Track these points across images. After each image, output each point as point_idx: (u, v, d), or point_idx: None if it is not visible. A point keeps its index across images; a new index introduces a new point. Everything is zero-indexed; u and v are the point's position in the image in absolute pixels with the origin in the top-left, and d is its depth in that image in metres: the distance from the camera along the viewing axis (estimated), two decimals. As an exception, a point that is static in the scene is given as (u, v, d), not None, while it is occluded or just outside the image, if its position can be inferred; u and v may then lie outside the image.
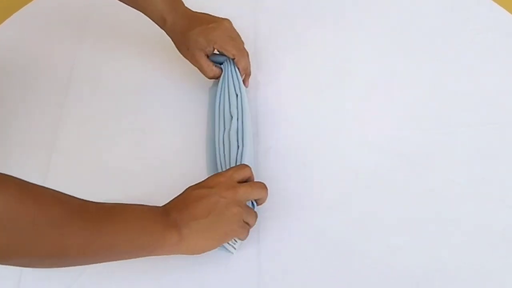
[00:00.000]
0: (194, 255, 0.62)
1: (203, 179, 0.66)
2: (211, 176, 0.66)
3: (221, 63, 0.83)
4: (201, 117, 0.82)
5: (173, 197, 0.63)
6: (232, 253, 0.67)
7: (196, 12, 0.83)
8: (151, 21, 0.82)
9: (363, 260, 0.68)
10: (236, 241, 0.67)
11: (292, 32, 0.93)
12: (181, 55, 0.83)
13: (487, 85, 0.86)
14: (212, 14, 0.83)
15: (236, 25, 0.84)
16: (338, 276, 0.67)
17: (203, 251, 0.62)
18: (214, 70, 0.82)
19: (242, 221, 0.64)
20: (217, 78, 0.82)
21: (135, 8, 0.81)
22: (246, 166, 0.68)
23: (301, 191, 0.75)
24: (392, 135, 0.80)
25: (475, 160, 0.77)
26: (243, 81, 0.82)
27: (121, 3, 0.82)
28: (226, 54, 0.81)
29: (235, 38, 0.82)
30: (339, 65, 0.89)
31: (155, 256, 0.61)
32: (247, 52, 0.83)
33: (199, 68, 0.81)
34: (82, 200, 0.54)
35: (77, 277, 0.67)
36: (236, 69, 0.82)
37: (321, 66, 0.89)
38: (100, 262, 0.57)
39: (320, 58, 0.90)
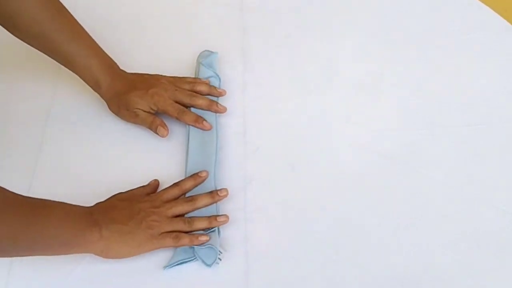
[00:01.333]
0: (109, 260, 0.66)
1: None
2: (144, 189, 0.72)
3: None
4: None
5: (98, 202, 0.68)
6: (218, 263, 0.67)
7: (132, 74, 0.81)
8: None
9: (351, 261, 0.68)
10: (221, 252, 0.67)
11: (280, 32, 0.93)
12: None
13: (475, 85, 0.86)
14: (149, 73, 0.81)
15: (224, 25, 0.83)
16: (326, 277, 0.67)
17: (119, 256, 0.66)
18: (151, 117, 0.78)
19: (163, 231, 0.67)
20: (153, 124, 0.78)
21: (68, 68, 0.78)
22: (175, 186, 0.72)
23: (289, 192, 0.74)
24: (381, 136, 0.80)
25: (463, 160, 0.77)
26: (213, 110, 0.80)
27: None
28: (169, 116, 0.79)
29: (176, 96, 0.79)
30: (327, 65, 0.89)
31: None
32: (199, 97, 0.80)
33: (139, 122, 0.79)
34: (15, 193, 0.59)
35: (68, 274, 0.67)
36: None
37: (308, 66, 0.88)
38: (30, 255, 0.62)
39: (308, 59, 0.89)
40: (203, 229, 0.69)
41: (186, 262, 0.67)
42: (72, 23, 0.77)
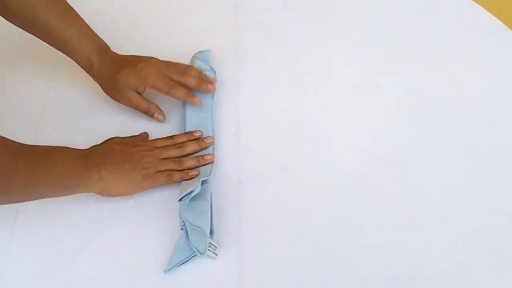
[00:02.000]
0: (109, 197, 0.71)
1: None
2: (137, 137, 0.77)
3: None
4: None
5: (94, 145, 0.72)
6: (214, 259, 0.67)
7: (123, 55, 0.81)
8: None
9: (344, 261, 0.68)
10: (216, 247, 0.67)
11: (273, 32, 0.93)
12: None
13: (470, 84, 0.86)
14: (138, 55, 0.81)
15: (217, 25, 0.83)
16: (318, 277, 0.67)
17: (117, 194, 0.71)
18: (151, 103, 0.80)
19: (156, 170, 0.72)
20: (149, 110, 0.80)
21: (60, 50, 0.79)
22: (168, 138, 0.77)
23: (282, 192, 0.74)
24: (375, 136, 0.80)
25: (460, 160, 0.77)
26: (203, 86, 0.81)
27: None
28: (159, 91, 0.79)
29: (166, 72, 0.79)
30: (322, 65, 0.89)
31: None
32: (189, 74, 0.80)
33: (134, 106, 0.80)
34: (21, 143, 0.62)
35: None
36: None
37: (302, 67, 0.88)
38: (37, 198, 0.65)
39: (302, 59, 0.89)
40: (192, 168, 0.74)
41: (184, 262, 0.67)
42: (65, 7, 0.78)
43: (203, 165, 0.75)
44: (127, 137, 0.77)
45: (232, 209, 0.72)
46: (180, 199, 0.70)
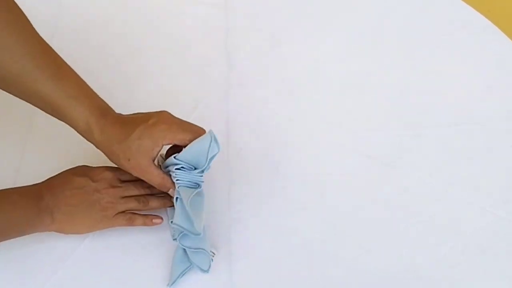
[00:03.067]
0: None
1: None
2: (102, 167, 0.69)
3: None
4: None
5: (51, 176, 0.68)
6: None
7: (127, 115, 0.68)
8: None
9: (335, 262, 0.68)
10: (214, 253, 0.67)
11: (264, 32, 0.93)
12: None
13: (459, 85, 0.86)
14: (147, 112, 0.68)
15: (208, 25, 0.83)
16: (310, 278, 0.67)
17: (73, 233, 0.67)
18: (166, 178, 0.67)
19: (116, 212, 0.67)
20: (164, 185, 0.67)
21: (52, 114, 0.66)
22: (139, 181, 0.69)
23: (273, 192, 0.74)
24: (365, 136, 0.80)
25: (448, 160, 0.77)
26: None
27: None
28: (181, 144, 0.66)
29: (182, 123, 0.67)
30: (312, 66, 0.88)
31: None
32: (202, 129, 0.68)
33: (147, 179, 0.67)
34: None
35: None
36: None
37: (293, 67, 0.88)
38: None
39: (293, 59, 0.89)
40: (157, 208, 0.69)
41: (186, 272, 0.66)
42: (57, 61, 0.66)
43: (170, 207, 0.69)
44: (95, 167, 0.69)
45: (223, 210, 0.72)
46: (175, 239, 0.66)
